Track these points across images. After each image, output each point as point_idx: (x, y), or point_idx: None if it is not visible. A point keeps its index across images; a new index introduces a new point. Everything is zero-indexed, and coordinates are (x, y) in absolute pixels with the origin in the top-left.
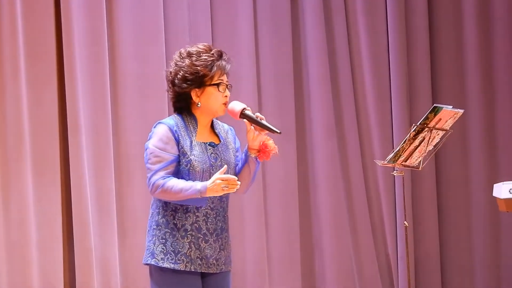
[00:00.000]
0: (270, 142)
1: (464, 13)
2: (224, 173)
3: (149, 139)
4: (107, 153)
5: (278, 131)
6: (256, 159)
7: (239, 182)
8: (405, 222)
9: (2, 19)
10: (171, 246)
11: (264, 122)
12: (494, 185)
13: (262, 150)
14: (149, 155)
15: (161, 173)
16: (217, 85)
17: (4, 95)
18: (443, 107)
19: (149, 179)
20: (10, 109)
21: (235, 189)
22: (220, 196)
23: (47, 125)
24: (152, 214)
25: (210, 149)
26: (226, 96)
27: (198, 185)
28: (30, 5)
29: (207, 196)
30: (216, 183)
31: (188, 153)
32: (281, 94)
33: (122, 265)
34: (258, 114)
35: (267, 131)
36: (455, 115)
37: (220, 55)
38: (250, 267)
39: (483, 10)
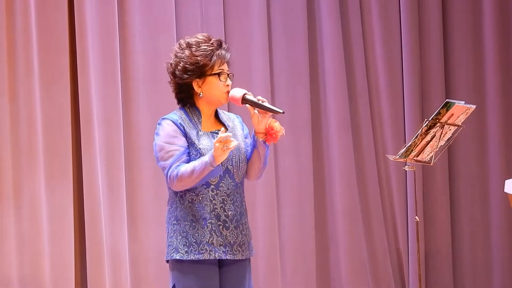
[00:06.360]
0: (276, 124)
1: (480, 7)
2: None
3: (156, 136)
4: (118, 145)
5: (281, 111)
6: (264, 142)
7: (233, 139)
8: (416, 217)
9: (15, 14)
10: (193, 238)
11: (266, 104)
12: (506, 181)
13: (269, 133)
14: (159, 152)
15: (175, 165)
16: (218, 74)
17: (17, 88)
18: (455, 103)
19: (166, 175)
20: (23, 102)
21: (233, 145)
22: (235, 182)
23: (59, 118)
24: (169, 210)
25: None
26: (227, 85)
27: (205, 158)
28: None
29: (219, 163)
30: (216, 147)
31: (196, 143)
32: (296, 87)
33: (132, 256)
34: (259, 97)
35: (271, 113)
36: (467, 111)
37: (219, 45)
38: (262, 262)
39: (501, 3)
